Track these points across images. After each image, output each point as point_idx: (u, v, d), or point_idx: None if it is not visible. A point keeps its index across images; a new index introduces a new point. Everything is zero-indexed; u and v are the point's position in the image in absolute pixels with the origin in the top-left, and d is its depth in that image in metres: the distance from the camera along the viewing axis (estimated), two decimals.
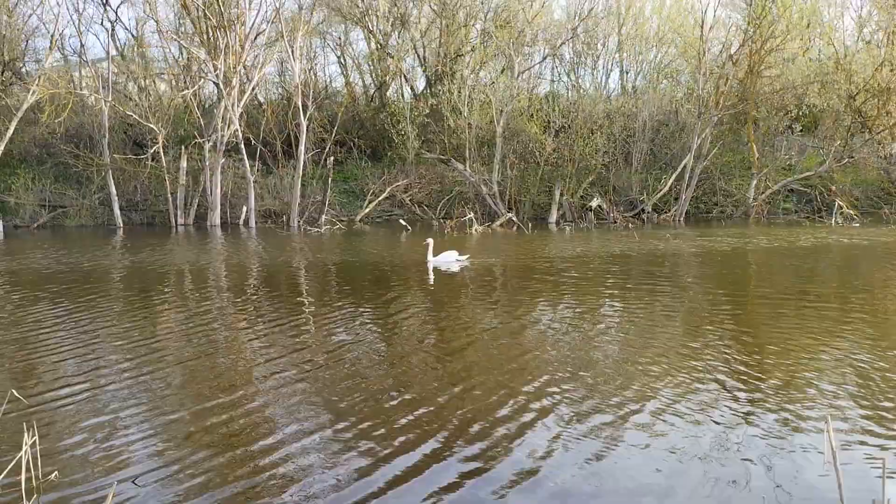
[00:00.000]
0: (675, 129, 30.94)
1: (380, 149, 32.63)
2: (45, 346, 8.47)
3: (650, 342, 8.21)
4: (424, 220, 28.87)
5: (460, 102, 28.64)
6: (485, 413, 5.94)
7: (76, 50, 30.88)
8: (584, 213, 27.95)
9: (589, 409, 6.00)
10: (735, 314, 9.95)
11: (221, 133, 27.11)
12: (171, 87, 32.26)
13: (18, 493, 4.51)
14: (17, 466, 4.62)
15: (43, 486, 4.66)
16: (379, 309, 10.68)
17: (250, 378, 7.09)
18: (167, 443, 5.40)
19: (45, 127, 28.36)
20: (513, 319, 9.78)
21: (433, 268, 14.88)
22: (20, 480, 4.57)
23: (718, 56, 29.35)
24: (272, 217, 28.85)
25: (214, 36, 26.98)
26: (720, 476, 4.71)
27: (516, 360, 7.64)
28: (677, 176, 28.35)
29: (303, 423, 5.76)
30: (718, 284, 12.86)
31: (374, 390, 6.57)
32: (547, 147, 28.20)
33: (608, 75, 36.49)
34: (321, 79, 35.43)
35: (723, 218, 28.84)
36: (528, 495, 4.53)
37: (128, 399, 6.42)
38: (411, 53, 34.04)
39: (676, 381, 6.69)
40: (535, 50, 33.63)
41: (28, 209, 28.53)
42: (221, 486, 4.66)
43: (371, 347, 8.34)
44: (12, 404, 5.96)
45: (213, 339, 8.87)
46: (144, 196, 29.45)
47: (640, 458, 5.02)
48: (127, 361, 7.70)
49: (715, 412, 5.85)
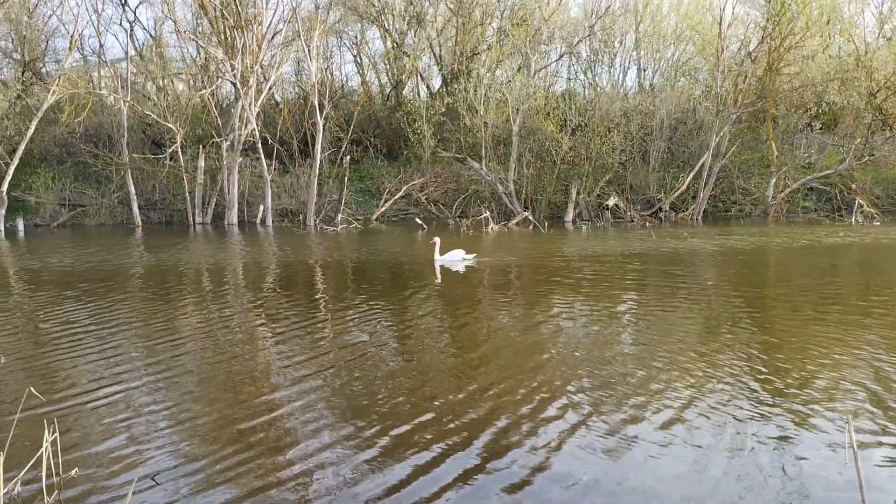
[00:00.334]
0: (693, 127, 30.75)
1: (396, 148, 32.68)
2: (66, 344, 8.54)
3: (668, 341, 8.16)
4: (440, 219, 28.87)
5: (476, 101, 28.60)
6: (502, 411, 5.92)
7: (95, 50, 31.21)
8: (601, 212, 27.82)
9: (608, 407, 5.96)
10: (754, 313, 9.86)
11: (239, 132, 27.24)
12: (189, 86, 32.47)
13: (39, 489, 4.56)
14: (38, 463, 4.66)
15: (64, 483, 4.70)
16: (396, 307, 10.68)
17: (269, 376, 7.12)
18: (186, 440, 5.43)
19: (64, 127, 28.66)
20: (530, 318, 9.75)
21: (440, 266, 14.93)
22: (41, 477, 4.62)
23: (737, 53, 29.13)
24: (289, 216, 28.96)
25: (232, 36, 27.11)
26: (740, 474, 4.67)
27: (533, 358, 7.61)
28: (695, 174, 28.17)
29: (321, 422, 5.77)
30: (737, 283, 12.76)
31: (391, 388, 6.57)
32: (563, 145, 28.10)
33: (625, 73, 36.36)
34: (337, 78, 35.55)
35: (741, 216, 28.63)
36: (545, 495, 4.51)
37: (148, 396, 6.46)
38: (427, 52, 34.05)
39: (695, 380, 6.64)
40: (552, 48, 33.57)
41: (48, 208, 28.83)
42: (240, 484, 4.68)
43: (388, 345, 8.35)
44: (33, 402, 6.02)
45: (232, 337, 8.91)
46: (163, 195, 29.67)
47: (660, 456, 4.99)
48: (147, 359, 7.75)
49: (734, 410, 5.80)
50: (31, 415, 5.82)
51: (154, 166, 28.73)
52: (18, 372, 7.28)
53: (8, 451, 4.66)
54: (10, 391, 6.55)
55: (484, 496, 4.51)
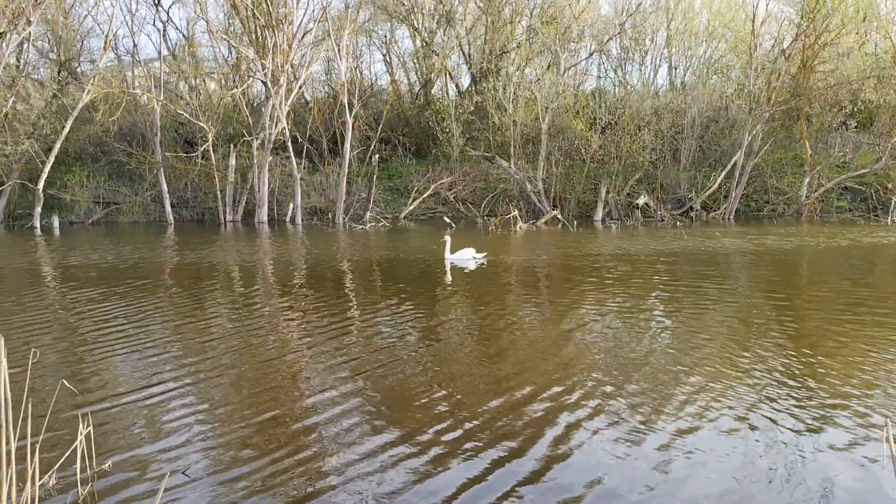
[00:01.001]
0: (725, 125, 30.39)
1: (424, 146, 32.72)
2: (99, 340, 8.68)
3: (698, 344, 8.07)
4: (468, 218, 28.85)
5: (505, 99, 28.54)
6: (530, 412, 5.90)
7: (129, 50, 31.66)
8: (631, 211, 27.62)
9: (636, 409, 5.91)
10: (787, 315, 9.72)
11: (269, 131, 27.48)
12: (221, 86, 32.83)
13: (74, 482, 4.63)
14: (73, 455, 4.74)
15: (97, 475, 4.77)
16: (425, 306, 10.69)
17: (299, 373, 7.17)
18: (217, 436, 5.48)
19: (99, 125, 29.14)
20: (558, 318, 9.70)
21: (450, 265, 15.07)
22: (75, 469, 4.69)
23: (770, 51, 28.73)
24: (318, 214, 29.15)
25: (263, 35, 27.36)
26: (773, 479, 4.60)
27: (561, 359, 7.57)
28: (727, 173, 27.83)
29: (349, 419, 5.79)
30: (769, 284, 12.57)
31: (420, 387, 6.58)
32: (593, 144, 27.92)
33: (656, 71, 36.02)
34: (367, 77, 35.72)
35: (774, 216, 28.22)
36: (571, 497, 4.48)
37: (180, 392, 6.53)
38: (456, 51, 34.06)
39: (725, 384, 6.55)
40: (582, 46, 33.36)
41: (83, 206, 29.33)
42: (269, 479, 4.71)
43: (417, 343, 8.36)
44: (68, 395, 6.12)
45: (262, 334, 8.99)
46: (195, 193, 30.03)
47: (690, 459, 4.94)
48: (179, 355, 7.84)
49: (766, 415, 5.71)
50: (65, 408, 5.92)
51: (186, 165, 29.10)
52: (52, 366, 7.41)
53: (42, 444, 4.74)
54: (45, 385, 6.66)
55: (513, 497, 4.50)
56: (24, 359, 7.24)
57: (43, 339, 8.66)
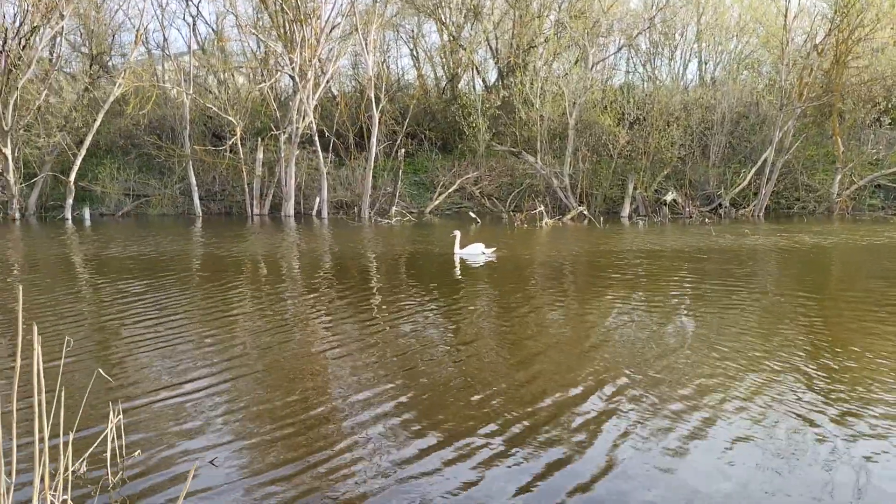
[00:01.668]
0: (756, 121, 29.97)
1: (450, 141, 32.69)
2: (129, 330, 8.80)
3: (725, 342, 7.98)
4: (494, 213, 28.79)
5: (532, 94, 28.39)
6: (553, 409, 5.88)
7: (159, 44, 31.97)
8: (658, 208, 27.37)
9: (655, 409, 5.87)
10: (816, 315, 9.58)
11: (296, 125, 27.60)
12: (249, 80, 33.04)
13: (104, 468, 4.70)
14: (103, 443, 4.81)
15: (127, 463, 4.84)
16: (448, 300, 10.70)
17: (326, 366, 7.21)
18: (245, 426, 5.53)
19: (129, 119, 29.48)
20: (582, 313, 9.66)
21: (460, 259, 15.15)
22: (106, 456, 4.76)
23: (802, 46, 28.26)
24: (344, 208, 29.25)
25: (291, 29, 27.47)
26: (798, 478, 4.54)
27: (584, 354, 7.54)
28: (757, 170, 27.46)
29: (376, 411, 5.81)
30: (799, 283, 12.40)
31: (442, 381, 6.59)
32: (620, 139, 27.70)
33: (686, 66, 35.59)
34: (393, 71, 35.71)
35: (804, 214, 27.80)
36: (592, 493, 4.46)
37: (208, 382, 6.60)
38: (483, 45, 33.96)
39: (751, 382, 6.48)
40: (611, 40, 33.07)
41: (113, 198, 29.68)
42: (296, 470, 4.75)
43: (445, 339, 8.36)
44: (100, 384, 6.20)
45: (290, 328, 9.05)
46: (222, 186, 30.26)
47: (713, 459, 4.89)
48: (207, 346, 7.93)
49: (793, 414, 5.64)
50: (97, 397, 6.00)
51: (214, 158, 29.34)
52: (85, 354, 7.52)
53: (75, 431, 4.81)
54: (78, 373, 6.76)
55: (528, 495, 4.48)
56: (58, 347, 7.36)
57: (76, 329, 8.79)
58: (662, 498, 4.35)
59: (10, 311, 9.96)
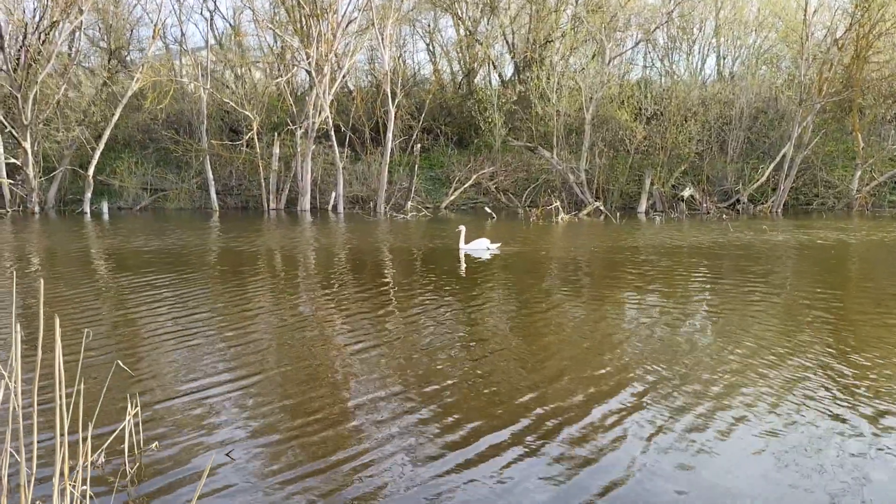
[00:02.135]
0: (775, 116, 29.72)
1: (466, 136, 32.65)
2: (147, 323, 8.86)
3: (747, 338, 7.92)
4: (510, 209, 28.74)
5: (549, 89, 28.29)
6: (569, 407, 5.86)
7: (177, 39, 32.16)
8: (676, 203, 27.22)
9: (677, 406, 5.83)
10: (835, 313, 9.48)
11: (312, 120, 27.67)
12: (266, 75, 33.13)
13: (122, 461, 4.73)
14: (121, 435, 4.84)
15: (144, 455, 4.87)
16: (463, 295, 10.68)
17: (343, 360, 7.22)
18: (261, 420, 5.55)
19: (147, 113, 29.68)
20: (598, 310, 9.61)
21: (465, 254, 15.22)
22: (123, 449, 4.79)
23: (822, 41, 27.97)
24: (359, 203, 29.30)
25: (307, 24, 27.52)
26: (820, 478, 4.50)
27: (601, 351, 7.50)
28: (776, 166, 27.22)
29: (392, 408, 5.81)
30: (817, 280, 12.29)
31: (462, 377, 6.58)
32: (637, 135, 27.54)
33: (704, 61, 35.34)
34: (410, 66, 35.71)
35: (823, 210, 27.54)
36: (617, 491, 4.43)
37: (224, 376, 6.63)
38: (500, 40, 33.87)
39: (776, 380, 6.43)
40: (628, 35, 32.86)
41: (131, 192, 29.91)
42: (309, 464, 4.76)
43: (459, 335, 8.35)
44: (117, 376, 6.24)
45: (306, 322, 9.07)
46: (239, 181, 30.40)
47: (732, 458, 4.85)
48: (225, 341, 7.96)
49: (812, 414, 5.58)
50: (116, 389, 6.04)
51: (231, 153, 29.48)
52: (104, 347, 7.57)
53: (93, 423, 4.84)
54: (98, 366, 6.81)
55: (546, 496, 4.47)
56: (78, 340, 7.42)
57: (96, 322, 8.86)
58: (689, 496, 4.32)
59: (32, 303, 10.05)
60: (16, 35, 27.29)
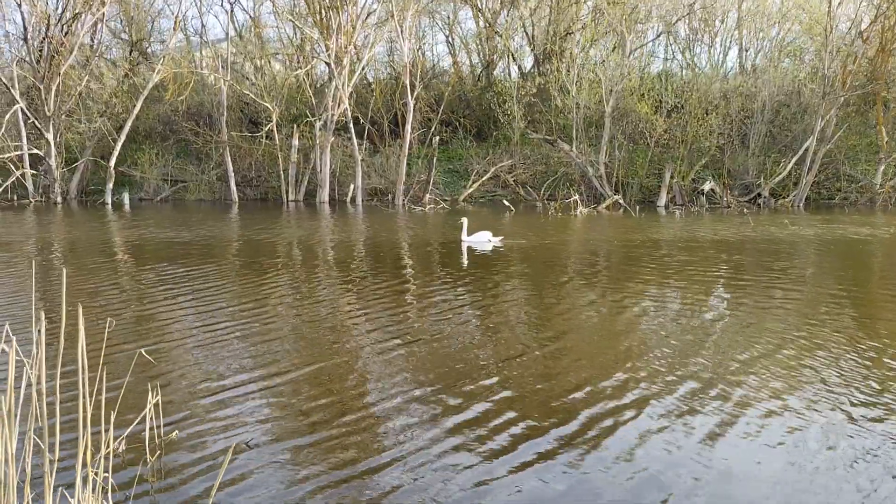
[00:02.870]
0: (797, 110, 29.32)
1: (485, 129, 32.54)
2: (167, 313, 8.93)
3: (761, 337, 7.86)
4: (528, 202, 28.65)
5: (569, 82, 28.12)
6: (584, 401, 5.85)
7: (197, 31, 32.36)
8: (696, 197, 27.00)
9: (693, 402, 5.80)
10: (856, 309, 9.38)
11: (331, 112, 27.69)
12: (286, 66, 33.20)
13: (143, 448, 4.79)
14: (142, 423, 4.89)
15: (165, 443, 4.92)
16: (480, 288, 10.68)
17: (363, 352, 7.25)
18: (279, 409, 5.59)
19: (168, 105, 29.83)
20: (615, 305, 9.57)
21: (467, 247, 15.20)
22: (144, 437, 4.85)
23: (847, 33, 27.55)
24: (378, 195, 29.33)
25: (327, 16, 27.52)
26: (839, 477, 4.46)
27: (619, 345, 7.47)
28: (798, 159, 26.90)
29: (407, 398, 5.83)
30: (839, 276, 12.16)
31: (472, 368, 6.58)
32: (658, 128, 27.31)
33: (726, 53, 34.88)
34: (429, 58, 35.60)
35: (846, 205, 27.19)
36: (625, 490, 4.42)
37: (244, 366, 6.68)
38: (520, 32, 33.69)
39: (795, 377, 6.38)
40: (649, 27, 32.57)
41: (152, 183, 30.13)
42: (329, 455, 4.79)
43: (471, 326, 8.36)
44: (140, 364, 6.30)
45: (327, 312, 9.12)
46: (258, 172, 30.52)
47: (748, 457, 4.83)
48: (243, 331, 8.02)
49: (830, 413, 5.53)
50: (137, 377, 6.10)
51: (251, 144, 29.60)
52: (126, 336, 7.65)
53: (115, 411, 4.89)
54: (119, 354, 6.88)
55: (562, 492, 4.46)
56: (100, 329, 7.50)
57: (117, 310, 8.95)
58: (706, 492, 4.31)
59: (55, 292, 10.17)
60: (39, 27, 27.53)
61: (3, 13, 28.80)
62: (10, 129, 26.52)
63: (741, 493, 4.29)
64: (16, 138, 27.25)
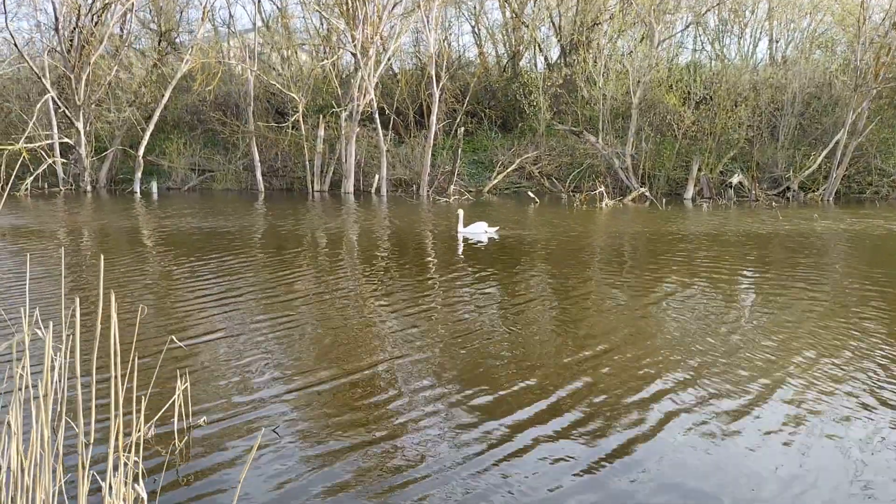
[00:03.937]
0: (828, 102, 28.85)
1: (510, 120, 32.41)
2: (199, 300, 9.04)
3: (787, 331, 7.78)
4: (553, 193, 28.53)
5: (595, 72, 27.91)
6: (607, 396, 5.83)
7: (225, 21, 32.54)
8: (724, 190, 26.72)
9: (714, 398, 5.76)
10: (885, 305, 9.24)
11: (357, 102, 27.74)
12: (312, 57, 33.29)
13: (171, 434, 4.86)
14: (171, 410, 4.97)
15: (193, 430, 4.99)
16: (504, 279, 10.68)
17: (388, 342, 7.29)
18: (306, 398, 5.64)
19: (196, 95, 30.07)
20: (640, 298, 9.52)
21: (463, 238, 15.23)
22: (173, 423, 4.92)
23: (880, 24, 27.04)
24: (402, 186, 29.37)
25: (353, 6, 27.53)
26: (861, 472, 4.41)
27: (643, 338, 7.44)
28: (828, 153, 26.50)
29: (430, 387, 5.86)
30: (868, 272, 11.97)
31: (494, 360, 6.60)
32: (686, 119, 27.03)
33: (755, 45, 34.38)
34: (455, 49, 35.50)
35: (877, 199, 26.76)
36: (643, 484, 4.41)
37: (272, 354, 6.75)
38: (546, 22, 33.48)
39: (825, 374, 6.31)
40: (678, 17, 32.18)
41: (180, 172, 30.43)
42: (356, 442, 4.83)
43: (494, 318, 8.37)
44: (170, 351, 6.39)
45: (352, 302, 9.17)
46: (284, 163, 30.68)
47: (768, 455, 4.79)
48: (270, 320, 8.09)
49: (855, 412, 5.47)
50: (166, 363, 6.19)
51: (277, 135, 29.76)
52: (157, 322, 7.76)
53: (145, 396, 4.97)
54: (150, 340, 6.98)
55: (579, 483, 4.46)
56: (132, 315, 7.60)
57: (148, 297, 9.07)
58: (727, 489, 4.29)
59: (86, 279, 10.33)
60: (70, 17, 27.84)
61: (35, 3, 29.09)
62: (42, 118, 26.90)
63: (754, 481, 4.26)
64: (46, 127, 27.65)
